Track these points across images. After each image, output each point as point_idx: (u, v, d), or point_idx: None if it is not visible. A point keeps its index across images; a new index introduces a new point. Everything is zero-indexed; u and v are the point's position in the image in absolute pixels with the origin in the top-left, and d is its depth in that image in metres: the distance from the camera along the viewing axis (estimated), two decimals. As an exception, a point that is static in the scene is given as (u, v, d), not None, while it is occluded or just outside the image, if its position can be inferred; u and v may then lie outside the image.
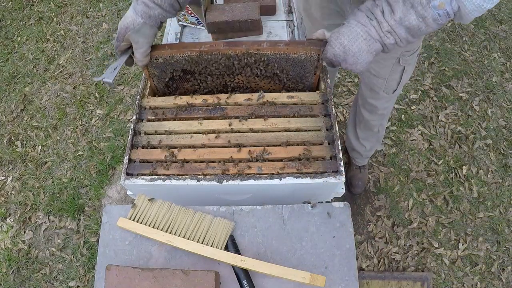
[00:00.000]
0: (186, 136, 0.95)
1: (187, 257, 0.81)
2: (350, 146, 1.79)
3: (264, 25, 1.43)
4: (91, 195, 1.93)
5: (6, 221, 1.89)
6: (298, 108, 0.98)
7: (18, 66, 2.46)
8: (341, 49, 0.85)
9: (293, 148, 0.92)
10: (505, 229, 1.78)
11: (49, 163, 2.04)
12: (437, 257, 1.72)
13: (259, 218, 0.84)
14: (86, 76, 2.37)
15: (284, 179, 0.86)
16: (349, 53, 0.85)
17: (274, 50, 0.96)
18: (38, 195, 1.95)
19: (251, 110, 0.98)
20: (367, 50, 0.84)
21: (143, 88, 1.05)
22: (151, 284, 0.73)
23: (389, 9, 0.79)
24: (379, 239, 1.77)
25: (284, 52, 0.96)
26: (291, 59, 0.98)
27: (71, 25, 2.65)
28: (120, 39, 0.89)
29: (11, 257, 1.78)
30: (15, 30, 2.67)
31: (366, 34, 0.83)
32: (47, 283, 1.72)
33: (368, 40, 0.83)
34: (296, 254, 0.80)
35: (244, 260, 0.77)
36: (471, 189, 1.88)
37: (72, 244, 1.81)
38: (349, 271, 0.79)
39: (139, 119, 1.00)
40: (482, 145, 2.01)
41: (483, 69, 2.28)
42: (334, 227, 0.83)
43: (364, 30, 0.83)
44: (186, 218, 0.83)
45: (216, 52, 0.97)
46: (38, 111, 2.24)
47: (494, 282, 1.67)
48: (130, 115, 2.15)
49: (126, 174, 0.90)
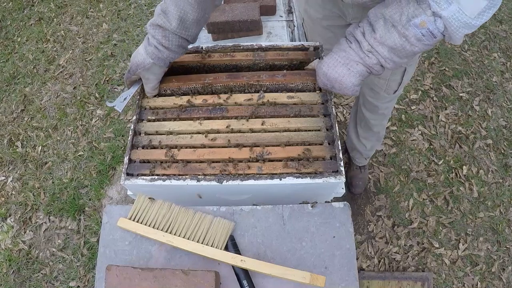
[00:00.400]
0: (186, 136, 0.95)
1: (187, 257, 0.81)
2: (351, 146, 1.78)
3: (264, 25, 1.44)
4: (92, 196, 1.93)
5: (6, 222, 1.89)
6: (298, 108, 0.98)
7: (18, 66, 2.47)
8: (325, 77, 0.90)
9: (293, 148, 0.92)
10: (506, 229, 1.78)
11: (50, 163, 2.05)
12: (438, 257, 1.72)
13: (259, 218, 0.84)
14: (86, 77, 2.37)
15: (284, 179, 0.86)
16: (332, 80, 0.88)
17: (272, 81, 1.02)
18: (38, 195, 1.95)
19: (251, 110, 0.98)
20: (348, 74, 0.85)
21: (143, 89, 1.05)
22: (151, 284, 0.73)
23: (370, 29, 0.80)
24: (379, 239, 1.76)
25: (282, 82, 1.02)
26: (289, 88, 1.03)
27: (71, 25, 2.65)
28: (131, 73, 0.95)
29: (11, 257, 1.79)
30: (15, 31, 2.67)
31: (344, 58, 0.84)
32: (47, 283, 1.73)
33: (347, 64, 0.84)
34: (296, 254, 0.80)
35: (244, 260, 0.77)
36: (472, 189, 1.88)
37: (73, 244, 1.81)
38: (349, 271, 0.78)
39: (139, 119, 1.00)
40: (482, 145, 2.01)
41: (483, 69, 2.28)
42: (334, 227, 0.83)
43: (342, 56, 0.85)
44: (186, 218, 0.83)
45: (220, 84, 1.04)
46: (38, 111, 2.25)
47: (494, 282, 1.67)
48: (130, 116, 2.15)
49: (126, 174, 0.90)
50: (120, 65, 2.40)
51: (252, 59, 1.07)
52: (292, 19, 1.47)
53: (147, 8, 2.71)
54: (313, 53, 1.08)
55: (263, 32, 1.41)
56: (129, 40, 2.52)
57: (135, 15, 2.67)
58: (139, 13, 2.68)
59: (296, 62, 1.09)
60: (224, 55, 1.08)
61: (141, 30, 2.57)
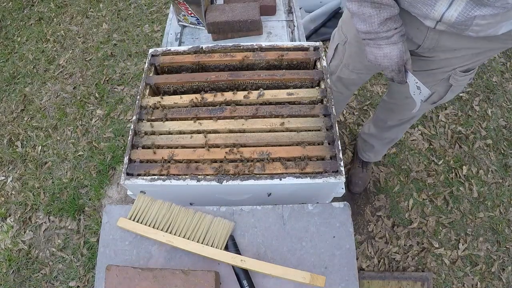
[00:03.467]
0: (186, 136, 0.95)
1: (187, 257, 0.81)
2: (368, 133, 1.67)
3: (264, 25, 1.44)
4: (91, 195, 1.93)
5: (6, 221, 1.89)
6: (298, 108, 0.98)
7: (18, 66, 2.47)
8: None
9: (293, 148, 0.92)
10: (505, 229, 1.78)
11: (49, 163, 2.04)
12: (437, 257, 1.72)
13: (259, 218, 0.84)
14: (86, 76, 2.37)
15: (284, 179, 0.86)
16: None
17: (272, 80, 1.05)
18: (38, 195, 1.95)
19: (251, 110, 0.98)
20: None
21: (143, 88, 1.05)
22: (151, 284, 0.73)
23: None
24: (379, 239, 1.76)
25: (281, 81, 1.05)
26: (288, 86, 1.06)
27: (71, 25, 2.65)
28: (401, 70, 0.94)
29: (11, 257, 1.78)
30: (15, 30, 2.67)
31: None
32: (47, 283, 1.72)
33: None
34: (296, 254, 0.80)
35: (244, 260, 0.77)
36: (471, 189, 1.88)
37: (72, 244, 1.81)
38: (349, 271, 0.78)
39: (139, 119, 1.00)
40: (482, 145, 2.01)
41: (483, 69, 2.28)
42: (334, 227, 0.83)
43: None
44: (186, 218, 0.83)
45: (221, 82, 1.06)
46: (38, 111, 2.25)
47: (494, 282, 1.67)
48: (130, 115, 2.15)
49: (126, 174, 0.90)
50: (120, 65, 2.40)
51: (252, 59, 1.07)
52: (292, 19, 1.47)
53: (147, 8, 2.71)
54: (313, 53, 1.08)
55: (263, 32, 1.41)
56: (129, 40, 2.52)
57: (135, 15, 2.67)
58: (139, 13, 2.68)
59: (296, 62, 1.09)
60: (224, 55, 1.08)
61: (141, 30, 2.57)
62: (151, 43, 2.51)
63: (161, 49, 1.12)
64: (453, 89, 1.09)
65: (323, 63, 1.05)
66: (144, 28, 2.59)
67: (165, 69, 1.12)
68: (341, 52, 1.23)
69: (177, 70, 1.12)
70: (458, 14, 0.76)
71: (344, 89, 1.38)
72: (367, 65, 1.18)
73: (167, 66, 1.11)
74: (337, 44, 1.23)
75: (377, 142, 1.66)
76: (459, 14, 0.76)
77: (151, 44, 2.50)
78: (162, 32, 2.56)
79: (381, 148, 1.70)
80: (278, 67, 1.10)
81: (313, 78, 1.03)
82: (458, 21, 0.78)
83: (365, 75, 1.28)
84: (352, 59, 1.21)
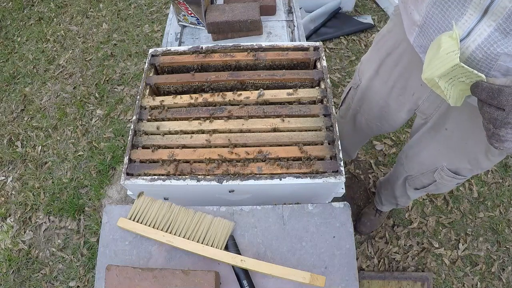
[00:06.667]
0: (186, 136, 0.95)
1: (187, 257, 0.81)
2: (389, 187, 1.45)
3: (264, 25, 1.44)
4: (91, 195, 1.93)
5: (6, 221, 1.89)
6: (298, 108, 0.98)
7: (18, 66, 2.47)
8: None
9: (293, 148, 0.92)
10: (505, 229, 1.78)
11: (49, 163, 2.04)
12: (437, 257, 1.72)
13: (259, 218, 0.84)
14: (86, 76, 2.37)
15: (284, 179, 0.86)
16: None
17: (272, 80, 1.05)
18: (38, 195, 1.95)
19: (251, 110, 0.98)
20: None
21: (143, 88, 1.05)
22: (151, 284, 0.73)
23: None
24: (379, 239, 1.76)
25: (281, 81, 1.05)
26: (288, 87, 1.06)
27: (71, 25, 2.65)
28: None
29: (11, 257, 1.78)
30: (15, 30, 2.67)
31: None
32: (47, 283, 1.72)
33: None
34: (296, 254, 0.80)
35: (244, 260, 0.77)
36: (471, 189, 1.88)
37: (72, 244, 1.81)
38: (349, 271, 0.78)
39: (139, 119, 1.00)
40: (482, 145, 2.01)
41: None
42: (334, 227, 0.82)
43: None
44: (186, 218, 0.83)
45: (221, 82, 1.07)
46: (38, 111, 2.25)
47: (494, 282, 1.67)
48: (130, 115, 2.15)
49: (126, 174, 0.90)
50: (120, 65, 2.40)
51: (252, 59, 1.07)
52: (292, 19, 1.47)
53: (147, 8, 2.71)
54: (313, 53, 1.08)
55: (263, 32, 1.41)
56: (129, 40, 2.52)
57: (135, 15, 2.67)
58: (139, 13, 2.69)
59: (296, 62, 1.09)
60: (224, 55, 1.08)
61: (141, 30, 2.57)
62: (151, 43, 2.51)
63: (161, 49, 1.12)
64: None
65: (323, 63, 1.05)
66: (144, 28, 2.59)
67: (165, 69, 1.12)
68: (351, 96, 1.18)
69: (177, 70, 1.12)
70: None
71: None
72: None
73: (167, 66, 1.11)
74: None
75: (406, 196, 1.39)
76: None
77: (151, 44, 2.50)
78: (162, 32, 2.56)
79: (407, 201, 1.48)
80: (278, 67, 1.10)
81: (313, 78, 1.03)
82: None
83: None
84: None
